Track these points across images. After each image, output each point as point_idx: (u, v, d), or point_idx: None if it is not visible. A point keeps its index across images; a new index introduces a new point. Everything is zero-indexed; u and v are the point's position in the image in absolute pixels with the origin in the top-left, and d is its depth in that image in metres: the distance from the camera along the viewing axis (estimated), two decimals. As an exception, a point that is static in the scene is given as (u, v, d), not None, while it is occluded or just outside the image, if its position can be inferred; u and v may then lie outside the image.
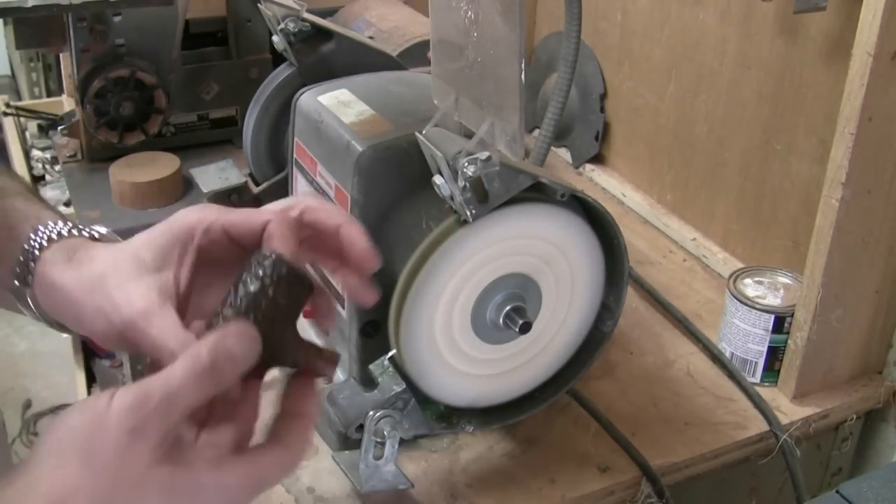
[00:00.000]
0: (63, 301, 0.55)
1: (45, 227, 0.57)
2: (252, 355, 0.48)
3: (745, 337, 0.92)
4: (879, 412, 0.97)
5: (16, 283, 0.57)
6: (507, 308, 0.75)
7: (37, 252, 0.56)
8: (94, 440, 0.45)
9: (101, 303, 0.53)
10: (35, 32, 1.28)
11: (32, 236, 0.57)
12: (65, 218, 0.59)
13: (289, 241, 0.52)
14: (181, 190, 1.22)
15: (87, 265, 0.55)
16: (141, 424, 0.45)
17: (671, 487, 0.82)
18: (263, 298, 0.49)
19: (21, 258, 0.56)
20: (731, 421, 0.89)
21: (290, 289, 0.50)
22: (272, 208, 0.55)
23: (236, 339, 0.48)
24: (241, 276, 0.50)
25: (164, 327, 0.51)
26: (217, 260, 0.55)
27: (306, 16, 1.00)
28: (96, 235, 0.60)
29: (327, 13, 1.33)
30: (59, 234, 0.57)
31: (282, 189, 0.98)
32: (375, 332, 0.79)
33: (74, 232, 0.58)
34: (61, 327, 0.58)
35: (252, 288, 0.49)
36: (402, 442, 0.77)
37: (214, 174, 1.05)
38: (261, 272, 0.49)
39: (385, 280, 0.75)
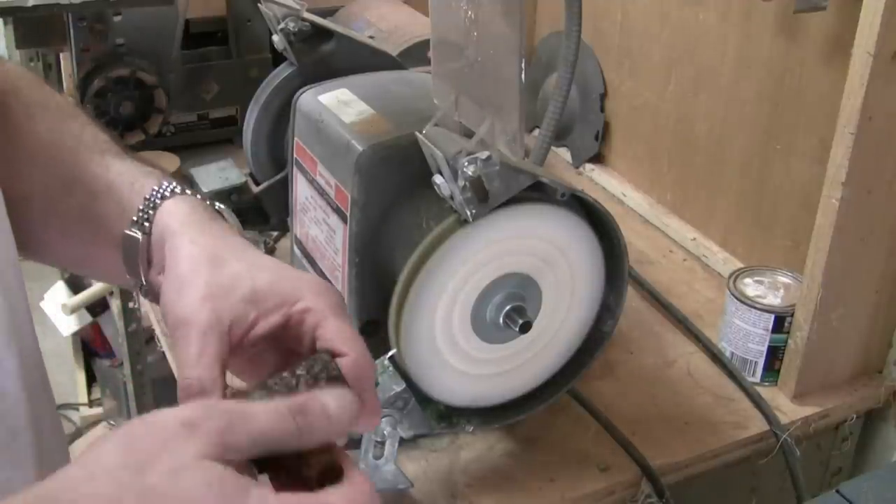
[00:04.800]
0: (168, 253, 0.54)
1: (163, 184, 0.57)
2: (346, 419, 0.46)
3: (745, 336, 0.92)
4: (879, 412, 0.97)
5: (133, 232, 0.55)
6: (507, 308, 0.75)
7: (158, 201, 0.55)
8: (137, 428, 0.41)
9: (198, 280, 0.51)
10: (35, 32, 1.29)
11: (155, 188, 0.56)
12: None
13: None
14: (181, 190, 1.22)
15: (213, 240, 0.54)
16: (198, 419, 0.41)
17: (671, 487, 0.82)
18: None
19: (141, 207, 0.56)
20: (731, 420, 0.89)
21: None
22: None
23: (334, 397, 0.46)
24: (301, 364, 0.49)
25: (199, 350, 0.49)
26: (288, 340, 0.53)
27: (306, 16, 1.00)
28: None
29: (327, 13, 1.33)
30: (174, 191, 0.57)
31: (282, 189, 0.98)
32: (375, 331, 0.79)
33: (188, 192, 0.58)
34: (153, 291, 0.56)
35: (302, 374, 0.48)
36: (402, 442, 0.77)
37: (214, 174, 1.05)
38: (316, 368, 0.49)
39: (385, 279, 0.75)
